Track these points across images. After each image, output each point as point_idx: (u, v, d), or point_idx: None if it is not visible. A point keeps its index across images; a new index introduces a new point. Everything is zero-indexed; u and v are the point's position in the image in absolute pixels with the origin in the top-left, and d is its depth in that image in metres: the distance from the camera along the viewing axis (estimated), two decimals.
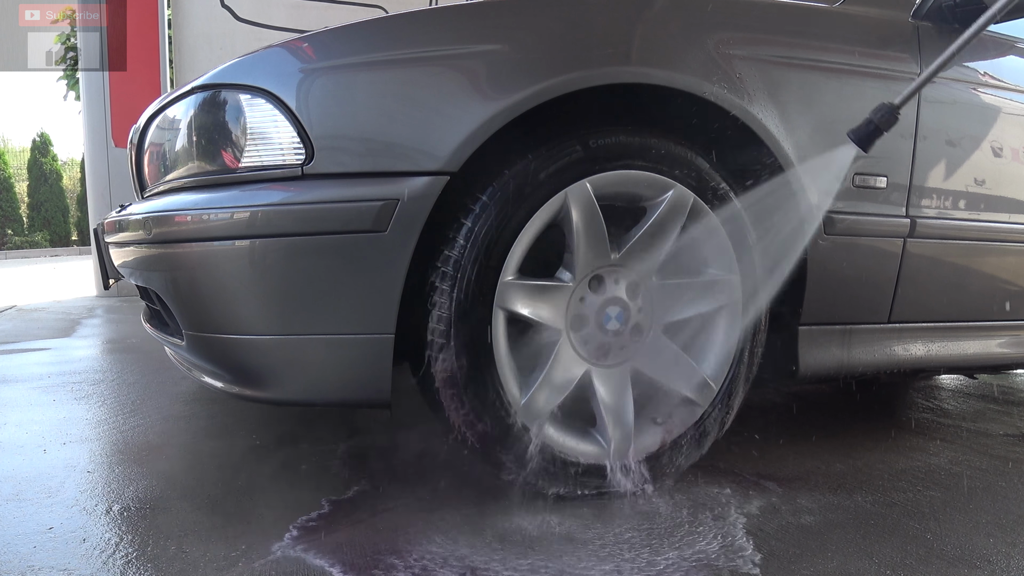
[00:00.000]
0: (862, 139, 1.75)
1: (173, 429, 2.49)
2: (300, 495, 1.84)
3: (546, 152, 1.67)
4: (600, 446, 1.79)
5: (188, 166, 1.74)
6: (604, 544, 1.58)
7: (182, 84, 1.81)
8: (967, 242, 2.17)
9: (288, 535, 1.61)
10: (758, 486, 1.94)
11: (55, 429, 2.46)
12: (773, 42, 1.88)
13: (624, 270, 1.79)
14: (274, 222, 1.57)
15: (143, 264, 1.88)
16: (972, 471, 2.09)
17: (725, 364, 1.89)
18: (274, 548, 1.55)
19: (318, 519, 1.70)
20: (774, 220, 1.84)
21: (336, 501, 1.80)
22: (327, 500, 1.81)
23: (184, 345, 1.80)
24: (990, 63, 2.21)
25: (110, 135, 6.97)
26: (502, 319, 1.69)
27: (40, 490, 1.88)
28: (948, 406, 2.94)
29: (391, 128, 1.60)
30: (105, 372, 3.52)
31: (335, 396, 1.74)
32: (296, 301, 1.61)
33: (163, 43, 7.18)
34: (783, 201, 1.85)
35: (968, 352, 2.28)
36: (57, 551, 1.54)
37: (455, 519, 1.70)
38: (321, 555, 1.52)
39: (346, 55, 1.65)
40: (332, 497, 1.83)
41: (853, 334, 2.06)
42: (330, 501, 1.80)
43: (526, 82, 1.62)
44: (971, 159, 2.14)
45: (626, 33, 1.74)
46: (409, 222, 1.56)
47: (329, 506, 1.77)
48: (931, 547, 1.60)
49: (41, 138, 21.86)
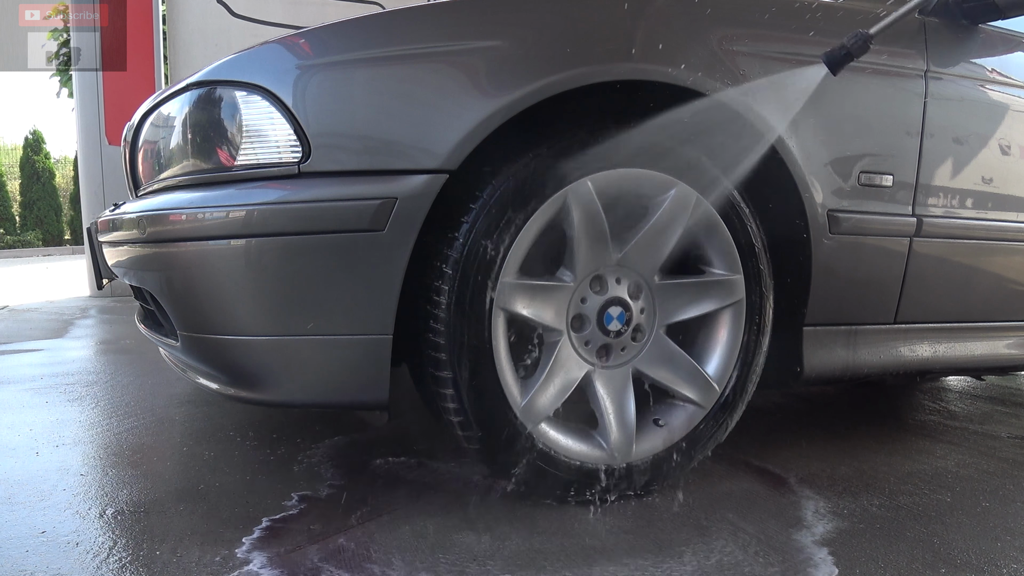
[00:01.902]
0: (833, 62, 1.75)
1: (168, 431, 2.47)
2: (297, 497, 1.82)
3: (547, 150, 1.65)
4: (601, 448, 1.78)
5: (183, 164, 1.72)
6: (605, 550, 1.56)
7: (177, 81, 1.80)
8: (974, 241, 2.15)
9: (285, 539, 1.59)
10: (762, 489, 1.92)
11: (48, 431, 2.44)
12: (777, 38, 1.87)
13: (626, 270, 1.78)
14: (270, 221, 1.55)
15: (137, 264, 1.86)
16: (979, 474, 2.08)
17: (729, 365, 1.87)
18: (272, 551, 1.53)
19: (316, 521, 1.68)
20: (778, 219, 1.83)
21: (332, 502, 1.78)
22: (325, 501, 1.79)
23: (179, 346, 1.78)
24: (998, 59, 2.19)
25: (104, 133, 6.93)
26: (502, 320, 1.67)
27: (32, 493, 1.87)
28: (955, 408, 2.92)
29: (389, 125, 1.59)
30: (99, 373, 3.50)
31: (332, 398, 1.72)
32: (293, 301, 1.59)
33: (157, 39, 7.14)
34: (788, 200, 1.83)
35: (975, 353, 2.26)
36: (50, 555, 1.52)
37: (455, 522, 1.68)
38: (320, 557, 1.51)
39: (343, 51, 1.63)
40: (324, 496, 1.81)
41: (858, 335, 2.05)
42: (326, 503, 1.78)
43: (526, 79, 1.60)
44: (978, 157, 2.12)
45: (628, 29, 1.72)
46: (407, 221, 1.55)
47: (326, 506, 1.75)
48: (938, 551, 1.58)
49: (34, 136, 21.79)
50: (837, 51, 1.74)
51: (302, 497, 1.83)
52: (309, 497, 1.83)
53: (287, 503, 1.79)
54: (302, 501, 1.80)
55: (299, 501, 1.80)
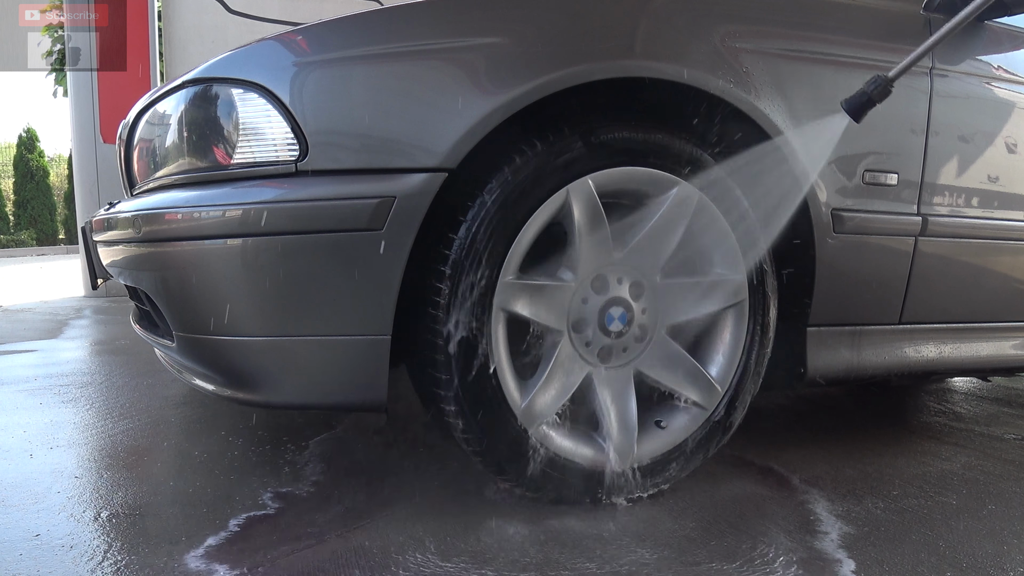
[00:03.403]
0: (854, 109, 1.74)
1: (163, 433, 2.45)
2: (295, 499, 1.80)
3: (547, 148, 1.64)
4: (602, 450, 1.76)
5: (179, 162, 1.71)
6: (606, 552, 1.55)
7: (172, 78, 1.79)
8: (981, 240, 2.14)
9: (282, 542, 1.58)
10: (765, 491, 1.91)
11: (42, 433, 2.42)
12: (781, 35, 1.85)
13: (627, 269, 1.76)
14: (267, 220, 1.54)
15: (132, 263, 1.85)
16: (985, 477, 2.06)
17: (731, 366, 1.86)
18: (270, 555, 1.51)
19: (313, 522, 1.66)
20: (781, 217, 1.81)
21: (331, 504, 1.77)
22: (321, 501, 1.77)
23: (174, 347, 1.77)
24: (1004, 57, 2.17)
25: (98, 131, 6.91)
26: (502, 320, 1.65)
27: (26, 496, 1.85)
28: (961, 409, 2.91)
29: (387, 123, 1.57)
30: (93, 374, 3.48)
31: (330, 399, 1.71)
32: (290, 301, 1.58)
33: (153, 36, 7.13)
34: (791, 198, 1.82)
35: (981, 354, 2.25)
36: (43, 559, 1.51)
37: (455, 526, 1.66)
38: (320, 557, 1.50)
39: (341, 48, 1.62)
40: (322, 498, 1.79)
41: (863, 335, 2.03)
42: (324, 504, 1.77)
43: (527, 76, 1.59)
44: (985, 155, 2.11)
45: (630, 25, 1.71)
46: (406, 220, 1.53)
47: (322, 507, 1.74)
48: (943, 555, 1.57)
49: (27, 134, 21.69)
50: (858, 97, 1.73)
51: (299, 498, 1.81)
52: (308, 498, 1.82)
53: (284, 504, 1.78)
54: (300, 502, 1.79)
55: (297, 502, 1.79)
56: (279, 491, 1.87)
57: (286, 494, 1.85)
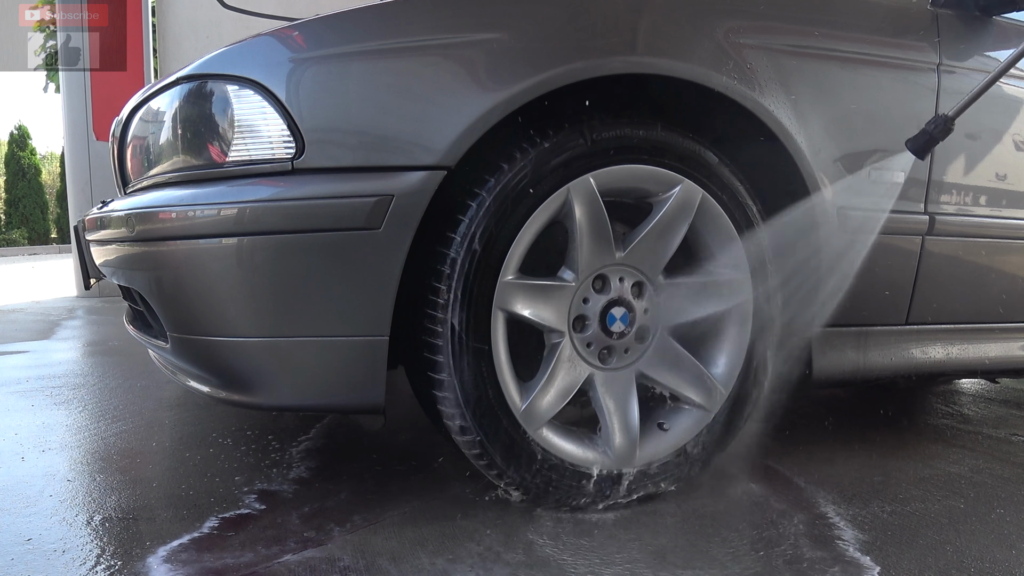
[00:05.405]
0: (918, 148, 1.82)
1: (157, 436, 2.44)
2: (293, 500, 1.79)
3: (547, 146, 1.62)
4: (604, 453, 1.75)
5: (173, 160, 1.69)
6: (608, 556, 1.53)
7: (167, 75, 1.78)
8: (989, 240, 2.13)
9: (279, 544, 1.57)
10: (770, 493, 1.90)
11: (33, 436, 2.40)
12: (786, 30, 1.84)
13: (629, 269, 1.74)
14: (263, 219, 1.52)
15: (126, 263, 1.84)
16: (994, 480, 2.05)
17: (735, 367, 1.84)
18: (266, 559, 1.50)
19: (311, 527, 1.65)
20: (786, 215, 1.81)
21: (328, 505, 1.76)
22: (321, 503, 1.76)
23: (168, 348, 1.76)
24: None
25: (91, 128, 6.90)
26: (502, 321, 1.64)
27: (18, 499, 1.84)
28: (968, 411, 2.90)
29: (385, 120, 1.56)
30: (86, 376, 3.47)
31: (327, 401, 1.70)
32: (286, 302, 1.56)
33: (147, 32, 7.11)
34: (796, 196, 1.81)
35: (989, 355, 2.24)
36: (36, 563, 1.50)
37: (454, 530, 1.65)
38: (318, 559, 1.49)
39: (338, 44, 1.60)
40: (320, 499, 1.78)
41: (869, 336, 2.02)
42: (322, 505, 1.75)
43: (527, 73, 1.57)
44: (993, 153, 2.10)
45: (632, 21, 1.69)
46: (404, 219, 1.52)
47: (321, 508, 1.72)
48: (951, 559, 1.55)
49: (19, 131, 21.69)
50: (920, 137, 1.81)
51: (296, 499, 1.80)
52: (304, 499, 1.80)
53: (281, 506, 1.76)
54: (297, 503, 1.77)
55: (294, 503, 1.77)
56: (277, 492, 1.86)
57: (284, 494, 1.85)
